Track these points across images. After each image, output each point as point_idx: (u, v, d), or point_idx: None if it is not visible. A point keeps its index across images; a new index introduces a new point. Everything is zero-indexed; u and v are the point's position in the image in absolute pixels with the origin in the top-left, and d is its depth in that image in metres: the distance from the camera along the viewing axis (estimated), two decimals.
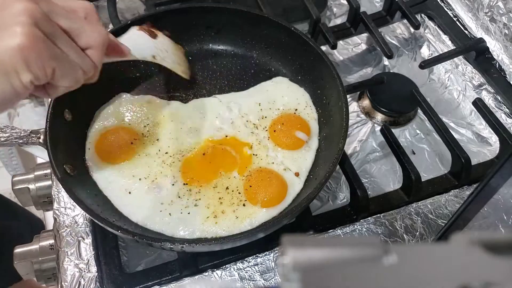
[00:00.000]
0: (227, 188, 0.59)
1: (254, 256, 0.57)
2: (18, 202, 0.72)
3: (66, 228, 0.59)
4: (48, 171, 0.67)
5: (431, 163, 0.69)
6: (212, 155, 0.62)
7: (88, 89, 0.64)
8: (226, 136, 0.64)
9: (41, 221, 1.15)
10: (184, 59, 0.66)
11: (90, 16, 0.46)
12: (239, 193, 0.59)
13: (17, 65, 0.40)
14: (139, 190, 0.58)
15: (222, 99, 0.68)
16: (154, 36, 0.59)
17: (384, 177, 0.68)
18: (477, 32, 0.80)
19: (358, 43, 0.84)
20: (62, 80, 0.43)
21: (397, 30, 0.86)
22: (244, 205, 0.58)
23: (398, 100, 0.74)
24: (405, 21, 0.84)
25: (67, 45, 0.43)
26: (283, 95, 0.68)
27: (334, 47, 0.76)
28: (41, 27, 0.41)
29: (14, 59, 0.39)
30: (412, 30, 0.84)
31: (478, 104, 0.68)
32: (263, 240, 0.53)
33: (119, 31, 0.67)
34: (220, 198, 0.58)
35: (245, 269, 0.56)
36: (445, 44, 0.81)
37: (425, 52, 0.83)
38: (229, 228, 0.56)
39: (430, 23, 0.84)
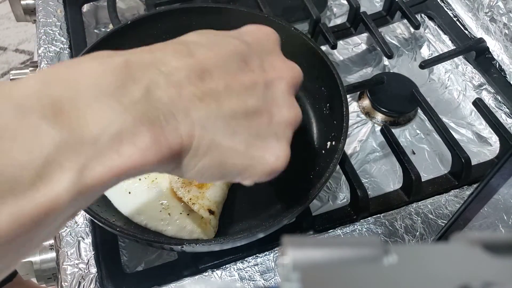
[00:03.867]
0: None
1: (254, 256, 0.57)
2: None
3: (66, 228, 0.59)
4: None
5: (431, 163, 0.69)
6: None
7: None
8: None
9: None
10: None
11: None
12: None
13: (255, 177, 0.36)
14: (139, 190, 0.58)
15: None
16: None
17: (384, 177, 0.68)
18: (477, 32, 0.80)
19: (358, 43, 0.84)
20: None
21: (397, 30, 0.86)
22: None
23: (398, 100, 0.74)
24: (405, 21, 0.84)
25: None
26: None
27: (334, 47, 0.76)
28: None
29: (260, 174, 0.35)
30: (412, 30, 0.84)
31: (478, 104, 0.68)
32: (263, 240, 0.53)
33: (119, 31, 0.68)
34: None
35: (245, 269, 0.56)
36: (445, 44, 0.81)
37: (425, 52, 0.83)
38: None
39: (430, 23, 0.84)
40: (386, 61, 0.82)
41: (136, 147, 0.28)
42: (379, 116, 0.74)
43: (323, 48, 0.72)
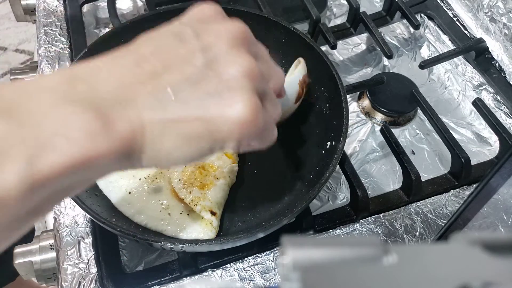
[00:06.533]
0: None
1: (254, 256, 0.57)
2: None
3: (66, 228, 0.59)
4: None
5: (431, 163, 0.69)
6: None
7: None
8: None
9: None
10: None
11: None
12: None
13: (230, 139, 0.34)
14: (139, 190, 0.58)
15: None
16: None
17: (384, 177, 0.68)
18: (477, 32, 0.80)
19: (358, 43, 0.84)
20: (258, 144, 0.37)
21: (397, 30, 0.86)
22: None
23: (398, 100, 0.74)
24: (405, 21, 0.84)
25: (273, 106, 0.37)
26: None
27: (334, 47, 0.76)
28: (259, 91, 0.35)
29: (231, 133, 0.34)
30: (412, 30, 0.84)
31: (478, 104, 0.68)
32: (263, 240, 0.53)
33: (119, 31, 0.68)
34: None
35: (245, 269, 0.56)
36: (445, 44, 0.81)
37: (425, 52, 0.83)
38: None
39: (430, 23, 0.84)
40: (386, 61, 0.82)
41: (83, 133, 0.29)
42: (379, 116, 0.74)
43: (323, 48, 0.72)
